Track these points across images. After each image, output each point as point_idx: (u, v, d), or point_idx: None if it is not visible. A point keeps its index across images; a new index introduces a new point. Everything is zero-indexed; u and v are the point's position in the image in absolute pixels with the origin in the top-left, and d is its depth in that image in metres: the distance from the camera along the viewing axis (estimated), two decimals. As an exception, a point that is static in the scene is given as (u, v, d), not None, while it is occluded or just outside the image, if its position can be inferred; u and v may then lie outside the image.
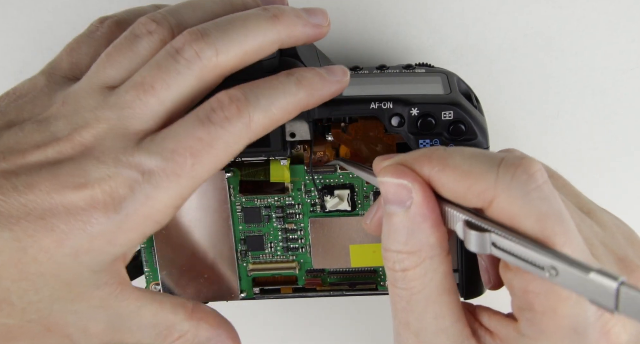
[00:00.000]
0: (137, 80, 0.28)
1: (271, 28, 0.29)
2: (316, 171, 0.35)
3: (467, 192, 0.25)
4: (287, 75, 0.29)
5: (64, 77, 0.30)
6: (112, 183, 0.27)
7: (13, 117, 0.29)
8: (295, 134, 0.33)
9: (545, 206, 0.24)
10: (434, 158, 0.26)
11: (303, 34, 0.30)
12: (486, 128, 0.32)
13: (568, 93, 0.41)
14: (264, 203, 0.35)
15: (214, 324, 0.32)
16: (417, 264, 0.27)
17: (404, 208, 0.27)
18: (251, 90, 0.28)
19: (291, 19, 0.30)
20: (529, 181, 0.25)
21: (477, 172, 0.25)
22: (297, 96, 0.29)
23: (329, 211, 0.35)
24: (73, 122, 0.28)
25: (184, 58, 0.28)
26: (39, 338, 0.28)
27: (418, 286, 0.27)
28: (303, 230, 0.36)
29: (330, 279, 0.37)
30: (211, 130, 0.27)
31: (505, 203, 0.25)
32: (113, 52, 0.29)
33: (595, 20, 0.40)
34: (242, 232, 0.36)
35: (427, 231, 0.27)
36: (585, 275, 0.22)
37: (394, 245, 0.27)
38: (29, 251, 0.26)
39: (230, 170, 0.35)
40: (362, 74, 0.35)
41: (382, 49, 0.40)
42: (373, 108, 0.32)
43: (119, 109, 0.27)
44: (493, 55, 0.40)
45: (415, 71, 0.35)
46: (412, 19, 0.40)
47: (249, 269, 0.37)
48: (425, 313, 0.27)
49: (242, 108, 0.27)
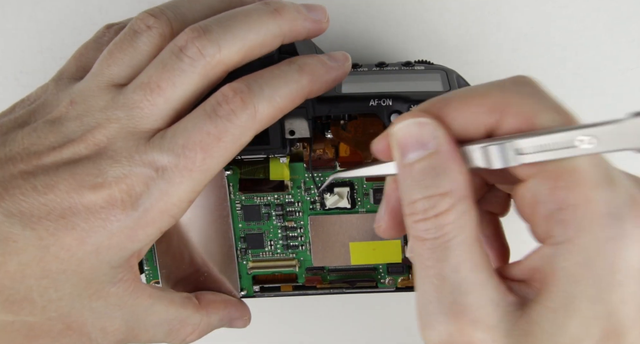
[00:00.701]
0: (143, 80, 0.28)
1: (273, 22, 0.29)
2: (315, 168, 0.35)
3: (479, 113, 0.25)
4: (289, 63, 0.29)
5: (71, 78, 0.31)
6: (129, 181, 0.27)
7: (26, 119, 0.29)
8: (294, 132, 0.33)
9: (558, 101, 0.25)
10: (436, 101, 0.26)
11: (304, 29, 0.30)
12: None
13: (568, 93, 0.41)
14: (264, 201, 0.35)
15: (222, 306, 0.34)
16: (451, 205, 0.25)
17: (426, 151, 0.25)
18: (254, 81, 0.28)
19: (292, 14, 0.30)
20: (534, 83, 0.25)
21: (483, 91, 0.25)
22: (300, 83, 0.29)
23: (328, 208, 0.35)
24: (85, 123, 0.28)
25: (188, 56, 0.28)
26: (60, 336, 0.29)
27: (454, 230, 0.25)
28: (303, 228, 0.36)
29: (330, 277, 0.37)
30: (218, 124, 0.27)
31: (520, 107, 0.24)
32: (114, 49, 0.29)
33: (595, 20, 0.40)
34: (242, 230, 0.36)
35: (455, 170, 0.25)
36: (623, 123, 0.22)
37: (422, 192, 0.25)
38: (51, 250, 0.27)
39: (230, 168, 0.35)
40: (361, 71, 0.35)
41: (381, 47, 0.40)
42: (372, 105, 0.32)
43: (128, 109, 0.28)
44: (493, 55, 0.40)
45: (414, 68, 0.35)
46: (412, 17, 0.40)
47: (249, 267, 0.36)
48: (464, 262, 0.25)
49: (246, 99, 0.28)
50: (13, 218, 0.27)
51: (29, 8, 0.41)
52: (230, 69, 0.29)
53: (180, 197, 0.28)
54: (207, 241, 0.36)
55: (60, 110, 0.29)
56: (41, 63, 0.41)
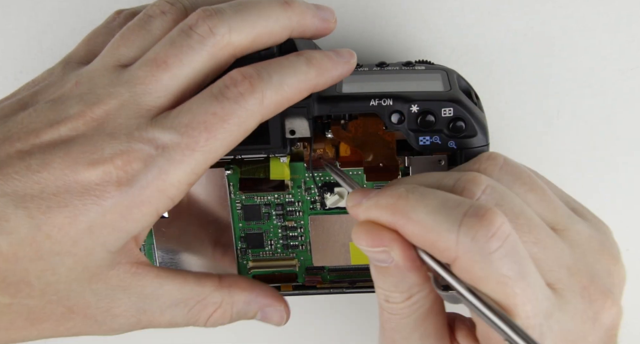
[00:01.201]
0: (150, 56, 0.28)
1: (283, 13, 0.29)
2: (316, 168, 0.35)
3: (432, 248, 0.26)
4: (297, 55, 0.30)
5: (79, 63, 0.31)
6: (125, 157, 0.27)
7: (28, 100, 0.29)
8: (295, 131, 0.33)
9: (506, 268, 0.25)
10: (398, 210, 0.26)
11: (312, 25, 0.31)
12: (486, 125, 0.32)
13: (568, 93, 0.41)
14: (264, 200, 0.35)
15: (247, 287, 0.32)
16: (405, 298, 0.28)
17: (386, 264, 0.27)
18: (264, 68, 0.28)
19: (302, 8, 0.30)
20: (490, 243, 0.25)
21: (439, 231, 0.25)
22: (308, 75, 0.29)
23: (328, 208, 0.35)
24: (86, 99, 0.28)
25: (198, 33, 0.28)
26: (63, 320, 0.28)
27: (406, 312, 0.28)
28: (303, 228, 0.36)
29: (330, 276, 0.37)
30: (225, 105, 0.27)
31: (466, 265, 0.25)
32: (127, 32, 0.29)
33: (595, 20, 0.40)
34: (242, 230, 0.36)
35: (411, 277, 0.28)
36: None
37: (383, 286, 0.28)
38: (43, 229, 0.26)
39: (230, 168, 0.35)
40: (362, 71, 0.35)
41: (382, 47, 0.40)
42: (373, 105, 0.32)
43: (132, 85, 0.28)
44: (493, 55, 0.40)
45: (415, 68, 0.35)
46: (412, 18, 0.40)
47: (249, 266, 0.36)
48: (413, 334, 0.29)
49: (255, 84, 0.28)
50: (5, 198, 0.26)
51: (29, 8, 0.40)
52: (238, 54, 0.29)
53: (179, 178, 0.27)
54: (207, 240, 0.36)
55: (63, 90, 0.29)
56: (41, 63, 0.41)
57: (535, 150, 0.42)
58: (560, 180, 0.43)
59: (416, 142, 0.32)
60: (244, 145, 0.33)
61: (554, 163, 0.43)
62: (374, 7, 0.40)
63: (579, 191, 0.43)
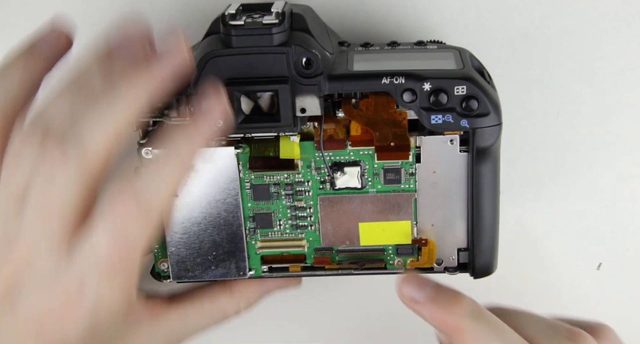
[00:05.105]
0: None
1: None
2: (326, 148, 0.34)
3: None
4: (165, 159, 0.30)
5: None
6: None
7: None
8: (305, 109, 0.32)
9: None
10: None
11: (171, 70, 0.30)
12: (499, 104, 0.32)
13: (568, 93, 0.41)
14: (273, 180, 0.35)
15: (256, 284, 0.38)
16: None
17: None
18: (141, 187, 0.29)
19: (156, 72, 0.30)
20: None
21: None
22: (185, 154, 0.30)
23: (338, 188, 0.35)
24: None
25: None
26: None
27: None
28: (312, 208, 0.36)
29: (339, 257, 0.36)
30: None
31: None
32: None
33: (595, 20, 0.40)
34: (251, 209, 0.36)
35: None
36: None
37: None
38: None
39: (240, 146, 0.34)
40: (373, 50, 0.35)
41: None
42: (385, 83, 0.32)
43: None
44: (493, 55, 0.40)
45: (427, 47, 0.35)
46: (412, 18, 0.40)
47: (258, 247, 0.36)
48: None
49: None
50: None
51: (29, 8, 0.40)
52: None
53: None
54: (215, 220, 0.35)
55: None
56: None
57: (535, 151, 0.42)
58: (560, 180, 0.43)
59: (428, 120, 0.32)
60: (255, 122, 0.32)
61: (554, 163, 0.42)
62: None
63: (579, 191, 0.43)
